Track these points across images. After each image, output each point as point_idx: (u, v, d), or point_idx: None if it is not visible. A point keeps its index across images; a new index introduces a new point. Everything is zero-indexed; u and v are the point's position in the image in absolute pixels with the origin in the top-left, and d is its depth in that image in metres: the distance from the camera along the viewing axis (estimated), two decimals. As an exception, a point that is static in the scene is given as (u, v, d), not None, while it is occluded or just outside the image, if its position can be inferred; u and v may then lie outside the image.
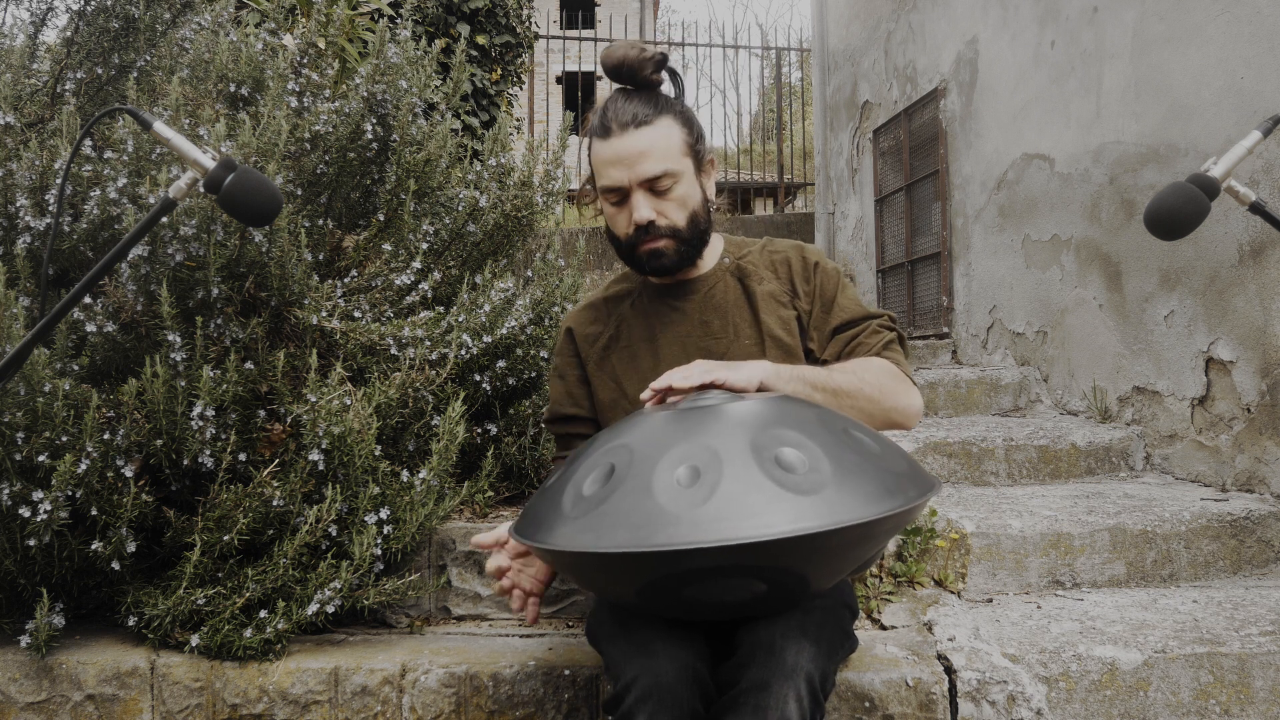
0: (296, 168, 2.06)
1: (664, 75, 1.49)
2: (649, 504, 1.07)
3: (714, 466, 1.09)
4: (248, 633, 1.64)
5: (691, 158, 1.46)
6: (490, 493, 2.05)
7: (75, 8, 2.12)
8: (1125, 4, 2.97)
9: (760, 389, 1.31)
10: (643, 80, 1.46)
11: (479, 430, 2.11)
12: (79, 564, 1.69)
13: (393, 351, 1.92)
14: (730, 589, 1.12)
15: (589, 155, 1.49)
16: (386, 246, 2.07)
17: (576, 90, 9.99)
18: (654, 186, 1.43)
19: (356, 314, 1.96)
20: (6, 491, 1.59)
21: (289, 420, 1.79)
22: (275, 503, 1.70)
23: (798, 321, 1.53)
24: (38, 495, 1.57)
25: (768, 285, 1.54)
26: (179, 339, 1.70)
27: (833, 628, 1.31)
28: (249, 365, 1.76)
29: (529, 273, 2.34)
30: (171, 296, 1.68)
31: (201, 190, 1.23)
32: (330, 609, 1.70)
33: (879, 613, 1.88)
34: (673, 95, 1.51)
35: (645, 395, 1.28)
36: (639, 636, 1.26)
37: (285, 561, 1.69)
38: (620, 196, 1.45)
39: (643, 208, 1.43)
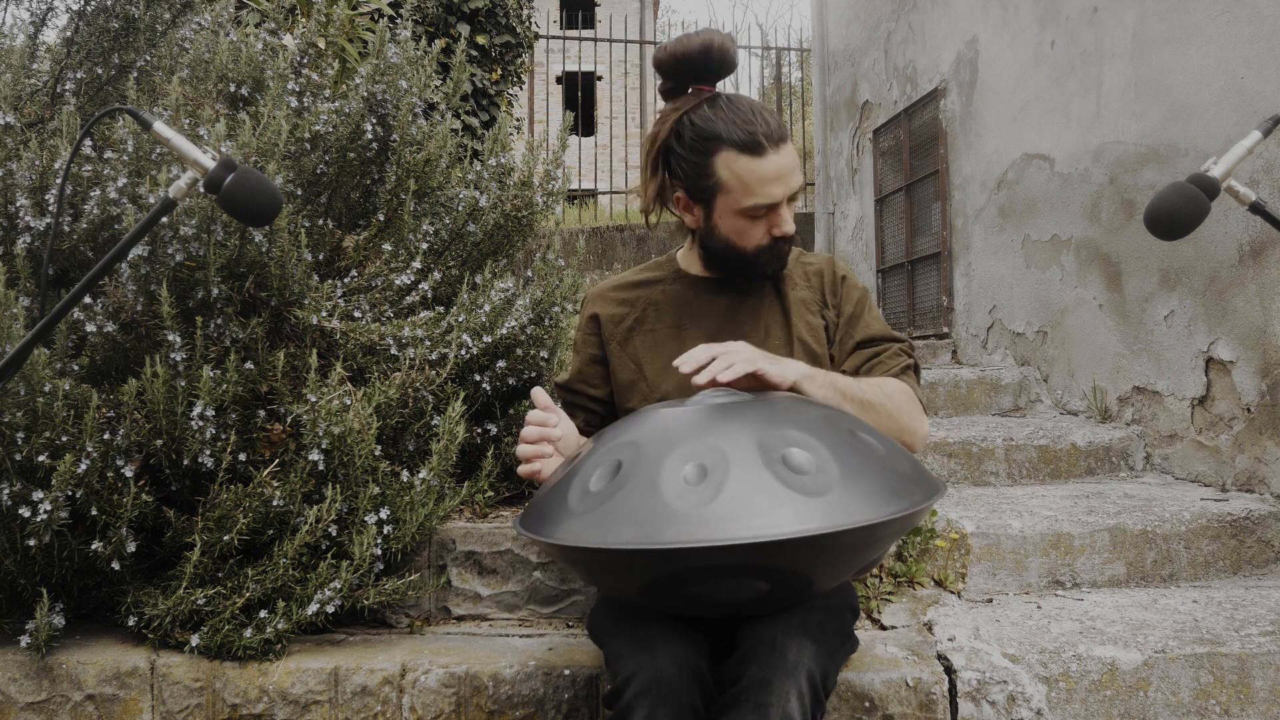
0: (296, 168, 2.06)
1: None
2: (656, 501, 1.07)
3: (721, 465, 1.09)
4: (248, 633, 1.64)
5: None
6: (490, 493, 2.05)
7: (75, 8, 2.12)
8: (1125, 4, 2.97)
9: (792, 388, 1.34)
10: (732, 62, 1.44)
11: (479, 430, 2.11)
12: (79, 564, 1.69)
13: (393, 351, 1.92)
14: (735, 588, 1.12)
15: (708, 167, 1.42)
16: (386, 246, 2.07)
17: (576, 90, 9.98)
18: (794, 198, 1.47)
19: (356, 314, 1.96)
20: (6, 491, 1.59)
21: (289, 420, 1.79)
22: (275, 503, 1.70)
23: (825, 331, 1.58)
24: (38, 495, 1.57)
25: (801, 292, 1.58)
26: (179, 339, 1.70)
27: (834, 628, 1.31)
28: (249, 365, 1.76)
29: (529, 273, 2.34)
30: (171, 296, 1.68)
31: (201, 190, 1.23)
32: (330, 609, 1.70)
33: (879, 613, 1.88)
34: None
35: (680, 362, 1.30)
36: (640, 632, 1.26)
37: (285, 561, 1.69)
38: (766, 211, 1.45)
39: (789, 220, 1.46)
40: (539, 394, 1.40)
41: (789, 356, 1.52)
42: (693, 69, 1.44)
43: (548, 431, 1.37)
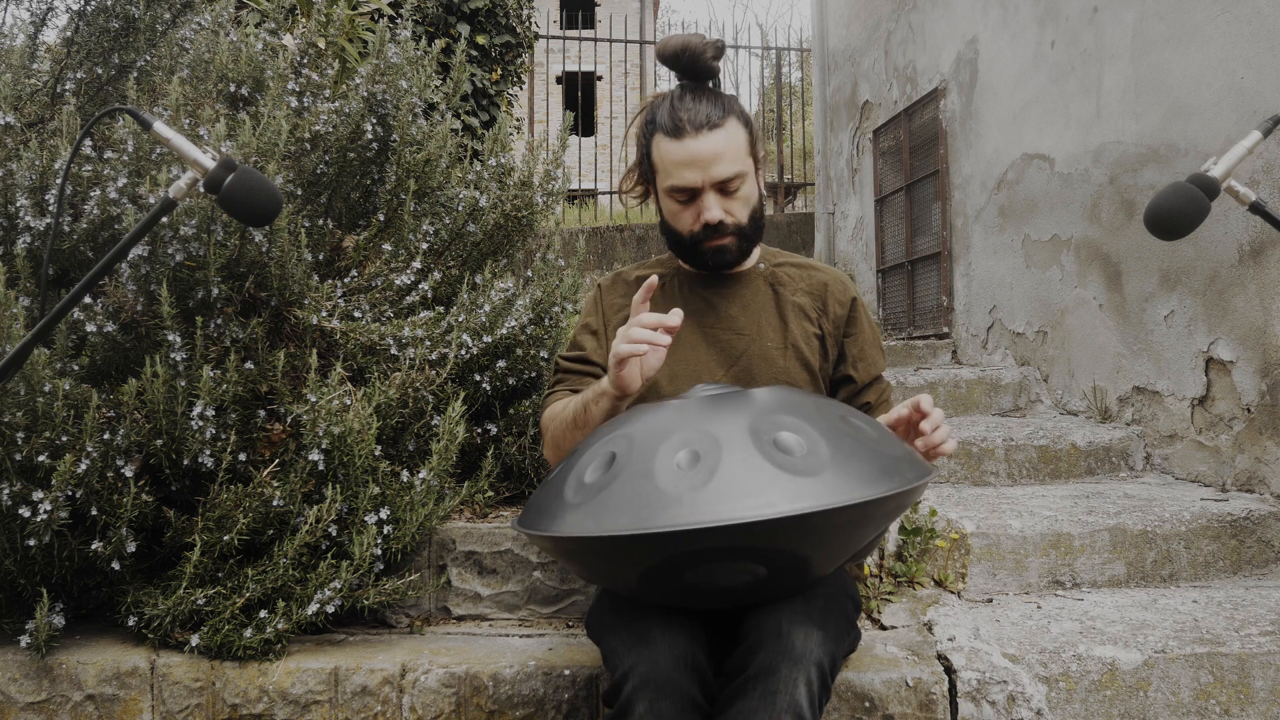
0: (296, 168, 2.06)
1: (720, 66, 1.51)
2: (649, 488, 1.08)
3: (713, 450, 1.10)
4: (248, 633, 1.64)
5: (753, 157, 1.50)
6: (490, 493, 2.06)
7: (75, 8, 2.12)
8: (1125, 4, 2.97)
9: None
10: (704, 67, 1.48)
11: (479, 430, 2.11)
12: (79, 564, 1.69)
13: (393, 351, 1.92)
14: (731, 572, 1.13)
15: (648, 150, 1.50)
16: (386, 246, 2.07)
17: (576, 90, 9.98)
18: (724, 187, 1.46)
19: (356, 314, 1.96)
20: (6, 491, 1.59)
21: (289, 420, 1.79)
22: (275, 503, 1.70)
23: (819, 340, 1.57)
24: (38, 495, 1.57)
25: (799, 298, 1.58)
26: (179, 339, 1.70)
27: (838, 615, 1.32)
28: (249, 365, 1.76)
29: (529, 273, 2.34)
30: (171, 296, 1.68)
31: (201, 190, 1.23)
32: (330, 609, 1.70)
33: (879, 613, 1.88)
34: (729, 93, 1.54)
35: (938, 435, 1.29)
36: (638, 626, 1.27)
37: (285, 561, 1.69)
38: (689, 196, 1.48)
39: (714, 208, 1.47)
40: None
41: (781, 360, 1.53)
42: (674, 66, 1.50)
43: (658, 336, 1.28)
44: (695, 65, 1.48)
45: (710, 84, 1.51)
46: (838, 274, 1.63)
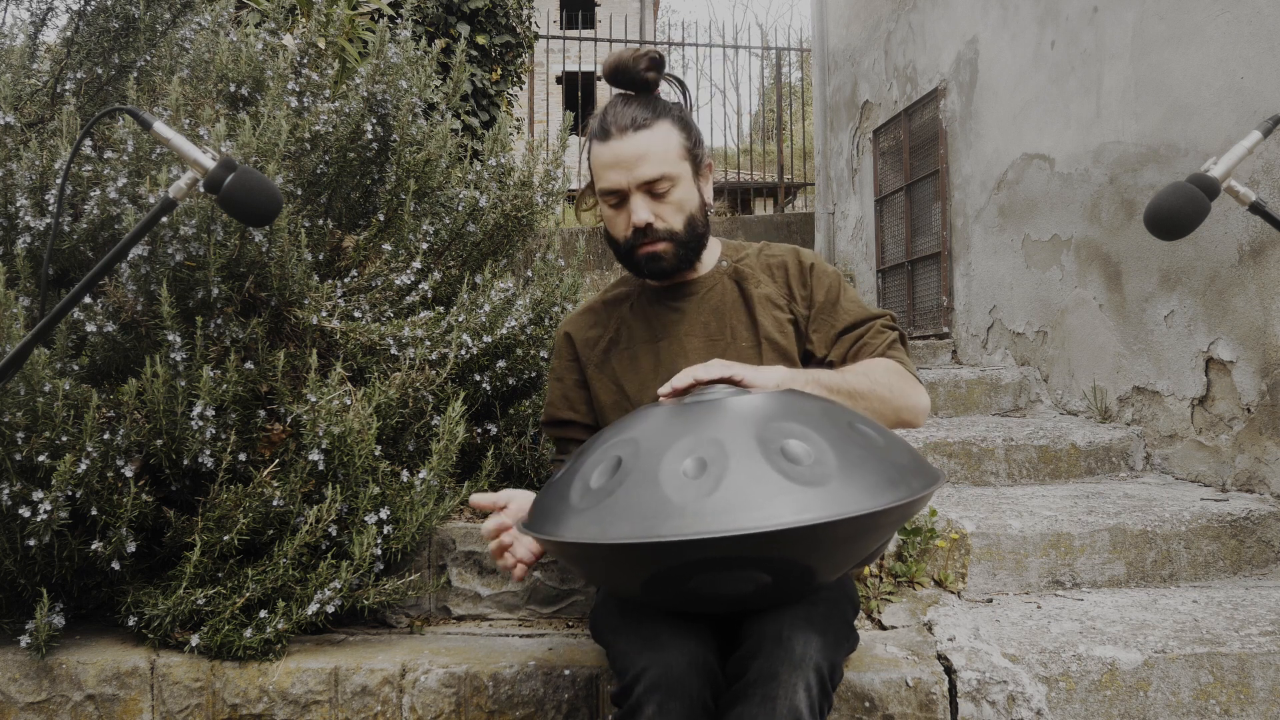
0: (296, 168, 2.06)
1: (659, 76, 1.51)
2: (655, 495, 1.07)
3: (720, 458, 1.09)
4: (248, 633, 1.64)
5: (689, 161, 1.47)
6: (490, 493, 2.05)
7: (75, 8, 2.12)
8: (1125, 4, 2.97)
9: None
10: (638, 80, 1.48)
11: (479, 430, 2.11)
12: (79, 564, 1.69)
13: (393, 351, 1.92)
14: (736, 580, 1.13)
15: (589, 159, 1.50)
16: (386, 246, 2.07)
17: (576, 90, 9.98)
18: (652, 190, 1.45)
19: (356, 314, 1.96)
20: (6, 491, 1.59)
21: (289, 420, 1.79)
22: (275, 503, 1.70)
23: (794, 325, 1.54)
24: (38, 495, 1.57)
25: (765, 289, 1.55)
26: (179, 339, 1.70)
27: (838, 620, 1.32)
28: (249, 365, 1.76)
29: (529, 273, 2.34)
30: (171, 296, 1.68)
31: (201, 190, 1.23)
32: (330, 609, 1.70)
33: (879, 613, 1.88)
34: (673, 100, 1.53)
35: (664, 391, 1.26)
36: (647, 629, 1.26)
37: (285, 561, 1.69)
38: (619, 199, 1.47)
39: (641, 210, 1.45)
40: (477, 498, 1.44)
41: (757, 358, 1.51)
42: (615, 84, 1.52)
43: (502, 520, 1.38)
44: (631, 79, 1.48)
45: (655, 93, 1.51)
46: (792, 249, 1.58)
